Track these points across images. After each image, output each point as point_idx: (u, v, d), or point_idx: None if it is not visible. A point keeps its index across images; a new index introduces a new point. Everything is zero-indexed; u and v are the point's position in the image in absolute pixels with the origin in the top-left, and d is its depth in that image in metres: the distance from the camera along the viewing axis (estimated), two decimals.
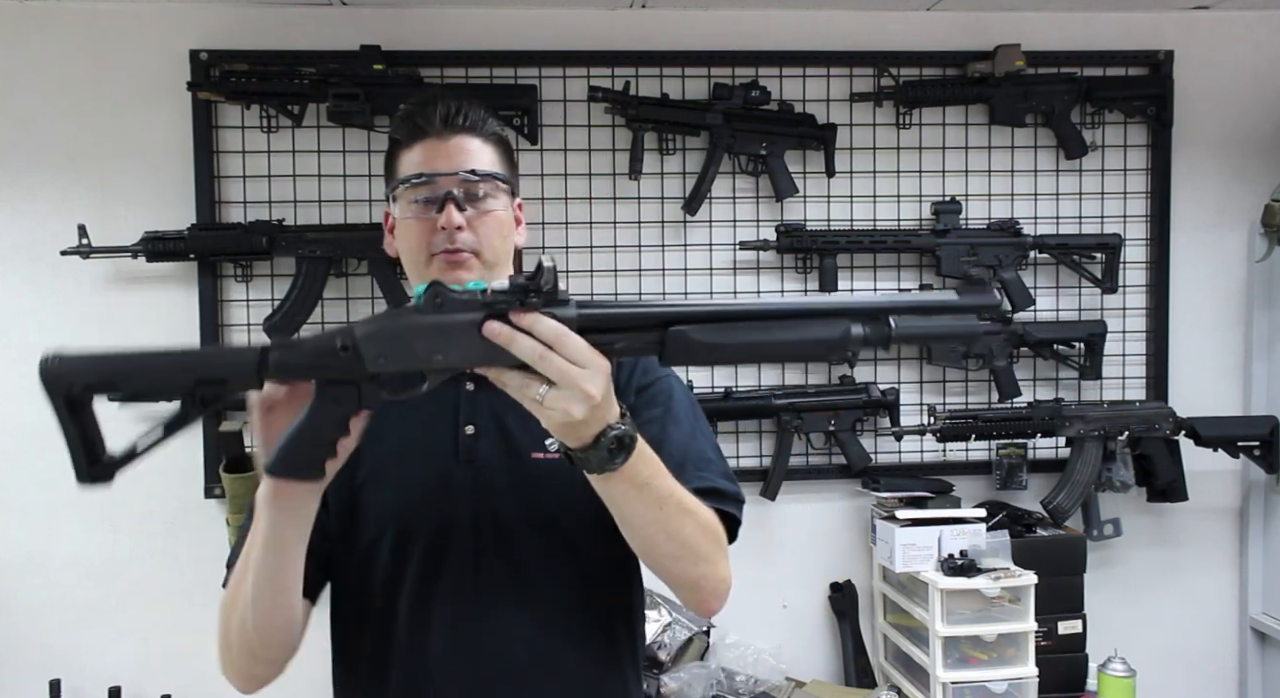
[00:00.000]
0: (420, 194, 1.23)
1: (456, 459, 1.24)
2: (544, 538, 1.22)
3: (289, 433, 1.01)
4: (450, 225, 1.21)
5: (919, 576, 2.29)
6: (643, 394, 1.27)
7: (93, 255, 2.31)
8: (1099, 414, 2.52)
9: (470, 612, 1.21)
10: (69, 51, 2.40)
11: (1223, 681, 2.72)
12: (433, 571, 1.22)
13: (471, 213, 1.23)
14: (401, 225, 1.26)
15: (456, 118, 1.25)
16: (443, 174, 1.22)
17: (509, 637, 1.21)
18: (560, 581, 1.23)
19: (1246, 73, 2.66)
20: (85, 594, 2.44)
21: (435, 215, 1.22)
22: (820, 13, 2.53)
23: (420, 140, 1.25)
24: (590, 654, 1.25)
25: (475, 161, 1.24)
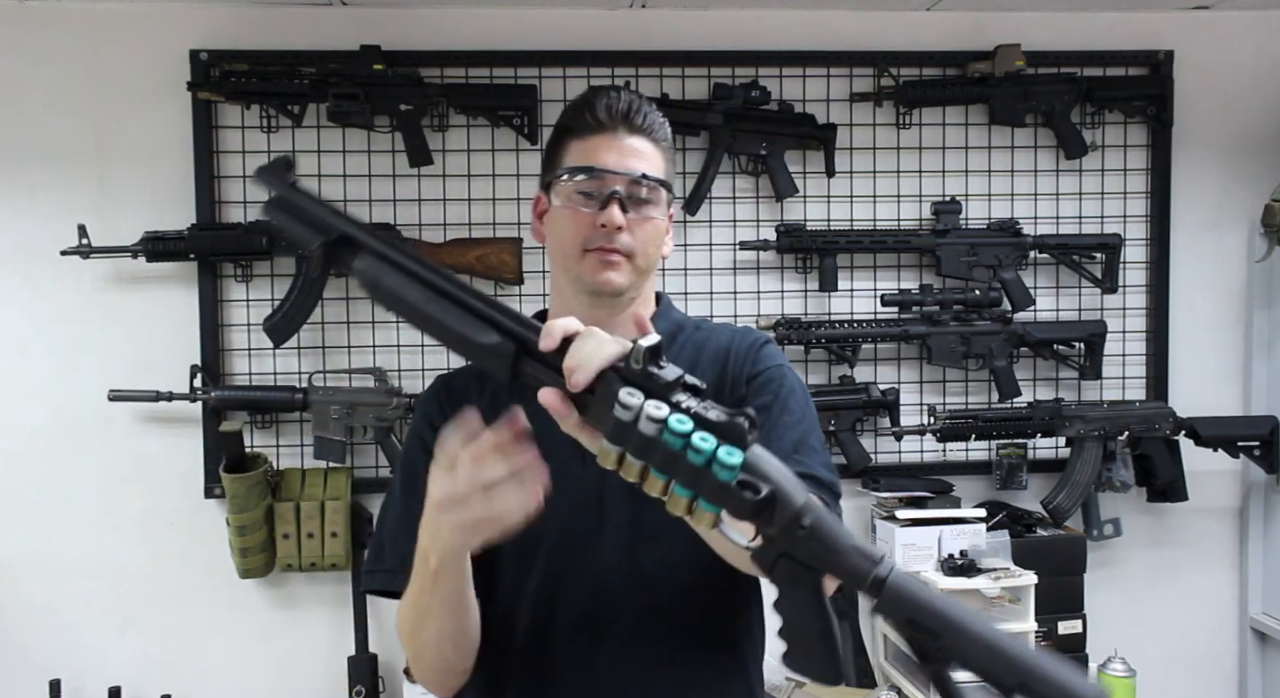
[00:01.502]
0: (586, 187, 1.21)
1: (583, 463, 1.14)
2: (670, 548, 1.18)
3: None
4: (612, 224, 1.18)
5: (919, 575, 2.29)
6: (754, 382, 1.25)
7: (93, 255, 2.31)
8: (1099, 414, 2.52)
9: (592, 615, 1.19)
10: (69, 51, 2.40)
11: (1223, 681, 2.72)
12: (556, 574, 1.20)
13: (634, 216, 1.21)
14: (557, 214, 1.23)
15: (636, 118, 1.23)
16: (615, 172, 1.20)
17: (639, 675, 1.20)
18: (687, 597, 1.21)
19: (1246, 73, 2.66)
20: (85, 594, 2.44)
21: (595, 211, 1.20)
22: (820, 13, 2.53)
23: (597, 133, 1.22)
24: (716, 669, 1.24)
25: (647, 166, 1.22)
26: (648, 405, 0.84)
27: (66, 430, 2.41)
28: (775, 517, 0.83)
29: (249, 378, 2.44)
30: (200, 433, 2.42)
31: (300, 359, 2.44)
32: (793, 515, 0.83)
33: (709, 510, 0.83)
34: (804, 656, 0.87)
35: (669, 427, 0.83)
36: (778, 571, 0.85)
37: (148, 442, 2.43)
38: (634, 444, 0.84)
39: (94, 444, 2.42)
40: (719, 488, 0.82)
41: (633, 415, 0.84)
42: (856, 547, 0.83)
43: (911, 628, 0.81)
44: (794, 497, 0.83)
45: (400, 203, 2.46)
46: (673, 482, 0.84)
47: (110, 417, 2.41)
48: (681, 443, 0.83)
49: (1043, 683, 0.76)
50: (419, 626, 1.13)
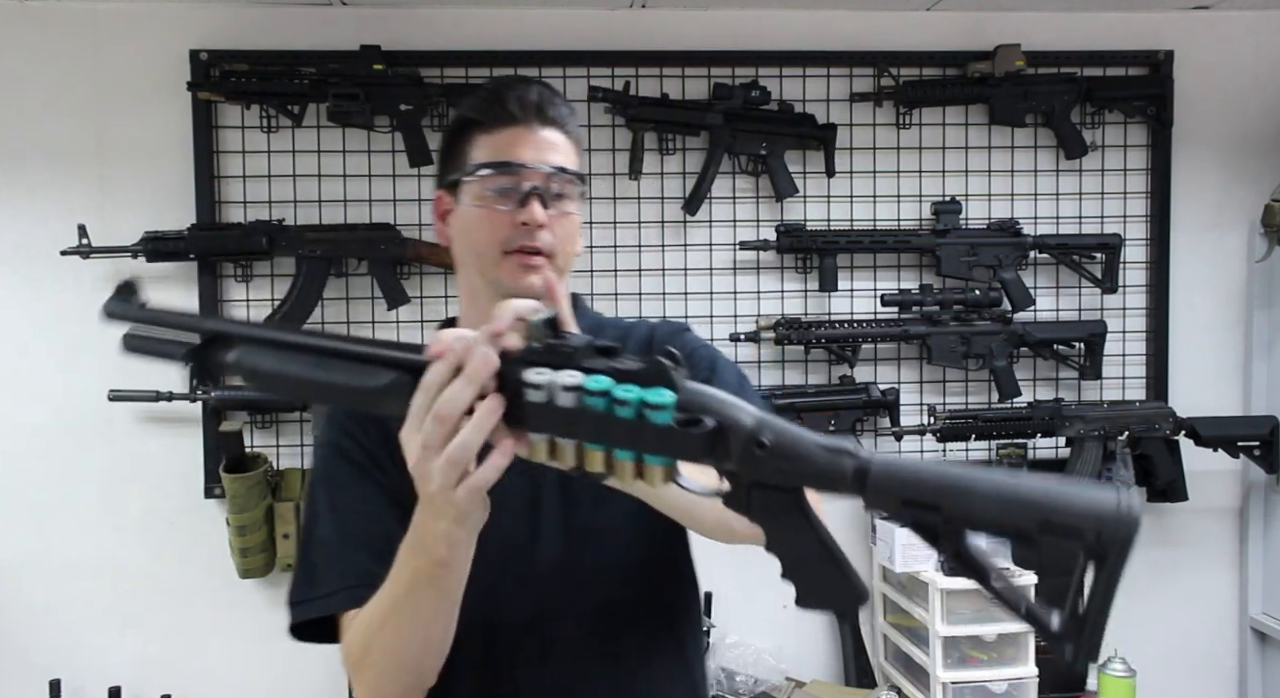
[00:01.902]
0: (500, 184, 1.12)
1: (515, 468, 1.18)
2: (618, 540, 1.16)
3: None
4: (534, 222, 1.11)
5: (919, 576, 2.29)
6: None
7: (93, 255, 2.31)
8: (1099, 414, 2.51)
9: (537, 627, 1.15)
10: (69, 51, 2.40)
11: (1223, 681, 2.72)
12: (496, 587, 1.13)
13: (553, 212, 1.13)
14: (468, 215, 1.14)
15: (549, 109, 1.16)
16: (533, 167, 1.13)
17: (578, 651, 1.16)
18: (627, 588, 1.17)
19: (1246, 73, 2.66)
20: (85, 594, 2.44)
21: (513, 209, 1.12)
22: (820, 13, 2.53)
23: (508, 126, 1.14)
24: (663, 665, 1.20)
25: (562, 158, 1.15)
26: (558, 377, 0.78)
27: (66, 430, 2.41)
28: (730, 446, 0.76)
29: None
30: (200, 433, 2.42)
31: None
32: (747, 438, 0.76)
33: (660, 464, 0.77)
34: (816, 588, 0.82)
35: (586, 390, 0.76)
36: (755, 505, 0.79)
37: (148, 442, 2.43)
38: (557, 423, 0.78)
39: (94, 444, 2.42)
40: (661, 435, 0.76)
41: (546, 393, 0.78)
42: (824, 445, 0.76)
43: (910, 510, 0.74)
44: (743, 419, 0.77)
45: (400, 203, 2.46)
46: (612, 449, 0.77)
47: (110, 417, 2.41)
48: (605, 402, 0.76)
49: (1065, 514, 0.70)
50: (399, 640, 1.01)
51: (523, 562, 1.14)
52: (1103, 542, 0.70)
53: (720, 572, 2.60)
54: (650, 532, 1.15)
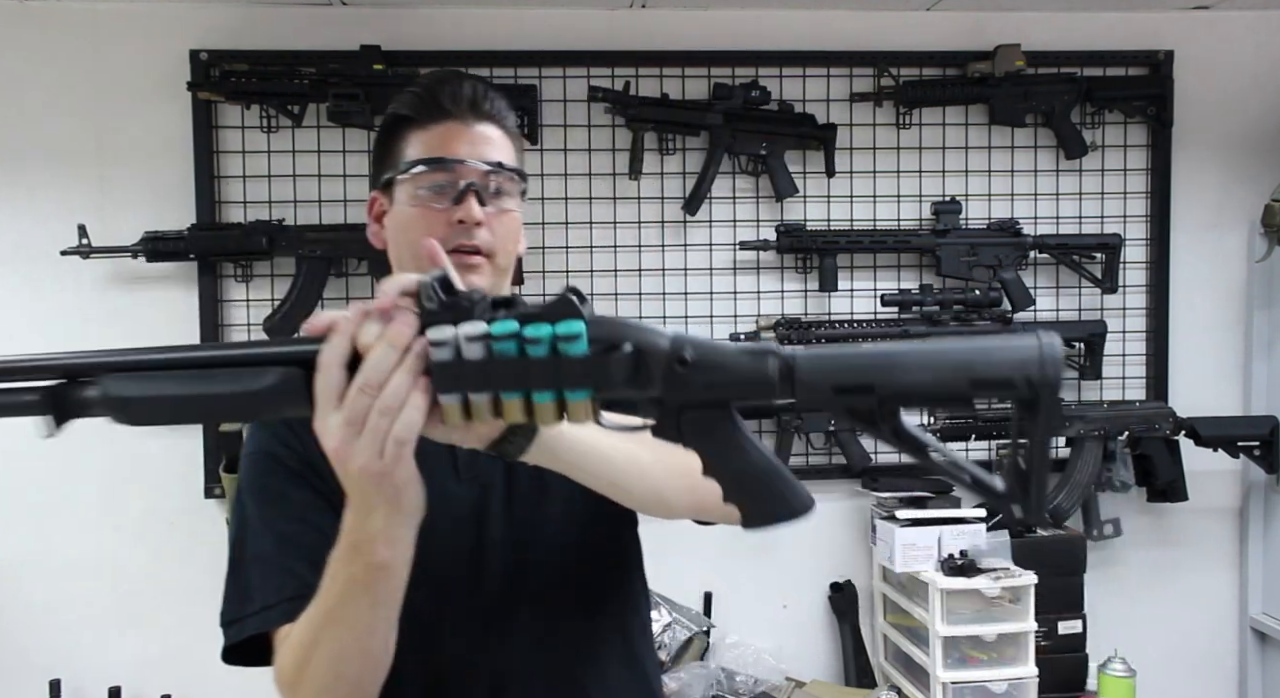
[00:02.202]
0: (435, 181, 1.09)
1: (457, 477, 1.12)
2: (559, 538, 1.13)
3: None
4: (471, 219, 1.07)
5: (919, 576, 2.29)
6: None
7: (93, 255, 2.31)
8: (1099, 414, 2.52)
9: (483, 640, 1.11)
10: (69, 51, 2.40)
11: (1223, 681, 2.72)
12: (453, 592, 1.10)
13: (491, 209, 1.09)
14: (403, 214, 1.11)
15: (484, 103, 1.12)
16: (470, 163, 1.09)
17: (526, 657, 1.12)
18: (577, 578, 1.15)
19: (1246, 73, 2.66)
20: (85, 594, 2.44)
21: (449, 206, 1.08)
22: (820, 13, 2.53)
23: (441, 121, 1.11)
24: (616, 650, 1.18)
25: (501, 154, 1.11)
26: (461, 330, 0.74)
27: (67, 430, 2.41)
28: (652, 369, 0.74)
29: None
30: (200, 433, 2.42)
31: None
32: (668, 357, 0.74)
33: (581, 398, 0.74)
34: (761, 504, 0.78)
35: (494, 336, 0.73)
36: (686, 429, 0.76)
37: (148, 442, 2.43)
38: (468, 379, 0.74)
39: (94, 444, 2.42)
40: (579, 368, 0.73)
41: (451, 348, 0.74)
42: (746, 350, 0.75)
43: (843, 397, 0.73)
44: (659, 339, 0.74)
45: None
46: (530, 394, 0.74)
47: None
48: (515, 344, 0.73)
49: (992, 368, 0.71)
50: (337, 656, 0.93)
51: (470, 572, 1.10)
52: (1033, 386, 0.70)
53: (720, 572, 2.61)
54: (593, 527, 1.14)
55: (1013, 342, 0.71)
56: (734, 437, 0.77)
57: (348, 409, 0.77)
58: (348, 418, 0.77)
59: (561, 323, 0.73)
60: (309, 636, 0.94)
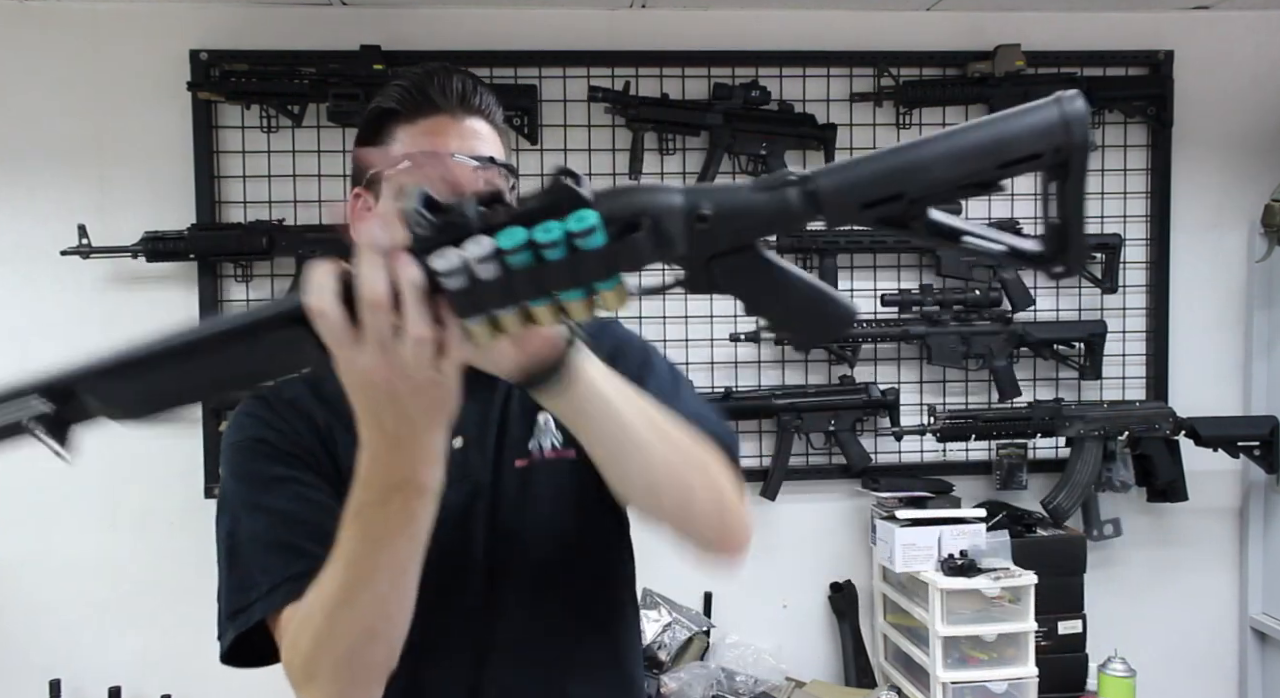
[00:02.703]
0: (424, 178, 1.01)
1: (447, 478, 1.10)
2: (541, 546, 1.11)
3: None
4: None
5: (919, 576, 2.29)
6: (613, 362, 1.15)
7: (93, 255, 2.31)
8: (1099, 414, 2.52)
9: (474, 641, 1.09)
10: (69, 51, 2.40)
11: (1223, 681, 2.72)
12: (436, 601, 1.04)
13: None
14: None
15: (473, 98, 1.08)
16: (461, 158, 1.05)
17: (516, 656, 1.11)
18: (560, 586, 1.12)
19: (1246, 73, 2.66)
20: (85, 594, 2.44)
21: None
22: (820, 13, 2.53)
23: (429, 116, 1.07)
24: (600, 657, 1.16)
25: (491, 149, 1.08)
26: (468, 252, 0.69)
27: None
28: (672, 234, 0.71)
29: None
30: (200, 433, 2.42)
31: None
32: (686, 217, 0.71)
33: (611, 287, 0.71)
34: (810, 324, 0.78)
35: (505, 251, 0.69)
36: (720, 280, 0.74)
37: (148, 442, 2.43)
38: (490, 299, 0.70)
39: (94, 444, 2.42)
40: (603, 257, 0.69)
41: (463, 276, 0.70)
42: (760, 187, 0.72)
43: (873, 210, 0.71)
44: (673, 200, 0.71)
45: None
46: (557, 296, 0.71)
47: None
48: (530, 255, 0.69)
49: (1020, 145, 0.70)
50: (376, 604, 0.89)
51: (453, 577, 1.07)
52: (1062, 153, 0.69)
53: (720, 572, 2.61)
54: (577, 537, 1.11)
55: (1033, 111, 0.70)
56: (767, 271, 0.75)
57: (369, 328, 0.72)
58: (376, 339, 0.72)
59: (571, 217, 0.68)
60: (334, 598, 0.89)
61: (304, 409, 1.10)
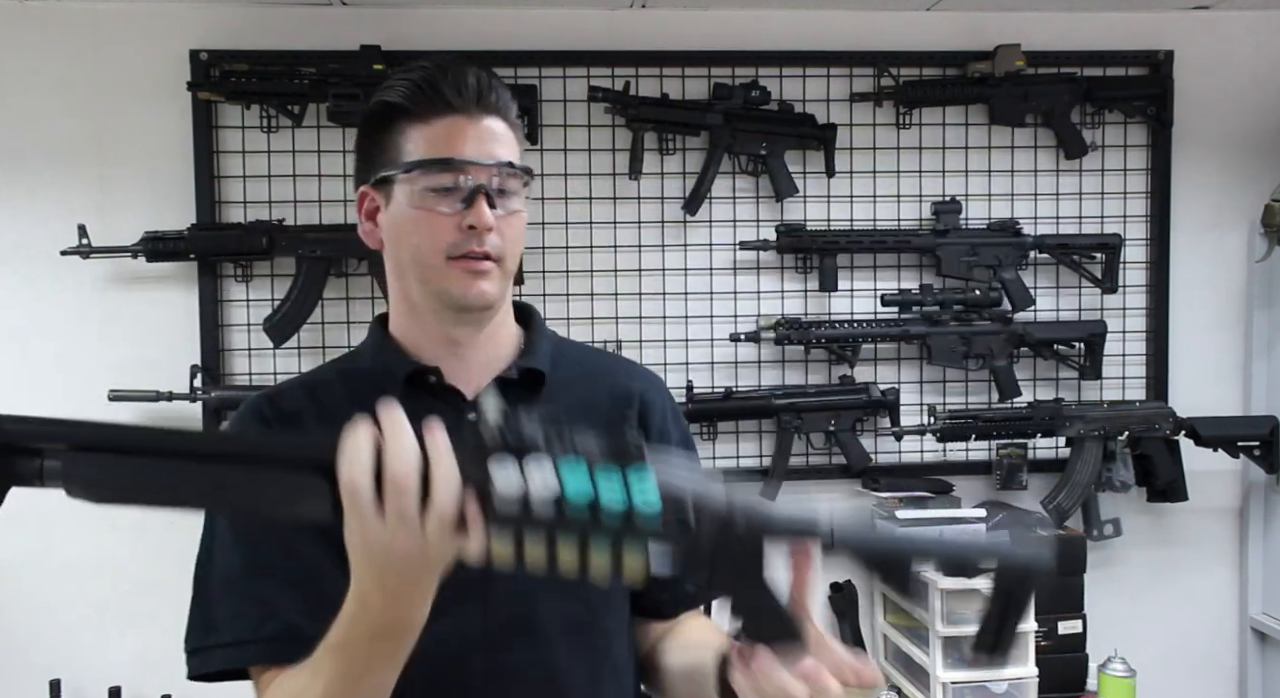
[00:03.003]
0: (441, 182, 1.01)
1: None
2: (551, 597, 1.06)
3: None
4: (483, 225, 1.00)
5: (919, 575, 2.28)
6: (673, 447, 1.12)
7: (93, 255, 2.31)
8: (1099, 414, 2.52)
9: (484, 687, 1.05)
10: (69, 51, 2.40)
11: (1223, 681, 2.72)
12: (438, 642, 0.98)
13: (500, 212, 1.02)
14: (405, 216, 1.03)
15: (489, 95, 1.03)
16: (480, 163, 1.01)
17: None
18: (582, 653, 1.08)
19: (1246, 73, 2.66)
20: (85, 594, 2.44)
21: (457, 210, 1.01)
22: (820, 13, 2.53)
23: (444, 116, 1.02)
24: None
25: (507, 151, 1.04)
26: (532, 481, 0.71)
27: None
28: (703, 533, 0.76)
29: (249, 378, 2.44)
30: None
31: (300, 359, 2.44)
32: (722, 523, 0.77)
33: (637, 560, 0.74)
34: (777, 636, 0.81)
35: (568, 496, 0.71)
36: (718, 581, 0.79)
37: None
38: (534, 530, 0.72)
39: None
40: (649, 528, 0.73)
41: (519, 502, 0.71)
42: (790, 520, 0.80)
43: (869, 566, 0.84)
44: (716, 502, 0.76)
45: None
46: (589, 548, 0.73)
47: (110, 417, 2.41)
48: (587, 510, 0.71)
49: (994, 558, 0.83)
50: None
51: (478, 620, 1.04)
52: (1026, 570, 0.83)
53: None
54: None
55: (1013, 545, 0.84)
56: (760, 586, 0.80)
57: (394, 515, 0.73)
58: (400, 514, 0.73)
59: (637, 488, 0.72)
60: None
61: (305, 427, 1.06)
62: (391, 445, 0.73)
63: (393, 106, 1.05)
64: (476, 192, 1.01)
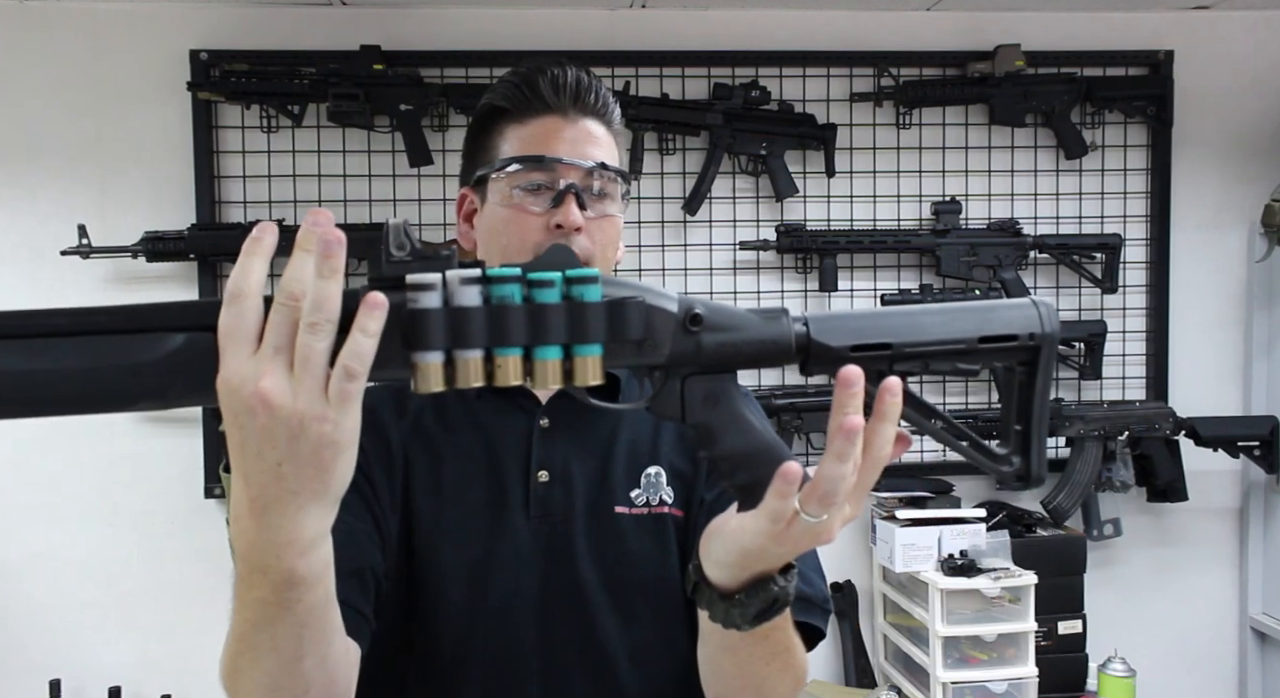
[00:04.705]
0: (531, 181, 1.01)
1: (527, 514, 1.02)
2: (614, 602, 1.04)
3: None
4: (570, 225, 0.99)
5: (919, 576, 2.29)
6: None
7: (93, 255, 2.31)
8: (1099, 414, 2.52)
9: (535, 682, 1.03)
10: (69, 51, 2.40)
11: (1223, 681, 2.72)
12: (497, 642, 1.02)
13: (591, 214, 1.01)
14: (496, 215, 1.02)
15: (588, 96, 1.04)
16: (571, 163, 1.01)
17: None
18: (632, 648, 1.05)
19: (1246, 73, 2.66)
20: (85, 594, 2.44)
21: (547, 209, 1.00)
22: (820, 13, 2.53)
23: (541, 115, 1.03)
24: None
25: (604, 154, 1.03)
26: (452, 272, 0.63)
27: (67, 431, 2.41)
28: (659, 331, 0.68)
29: None
30: (200, 433, 2.42)
31: None
32: (680, 319, 0.69)
33: (591, 354, 0.65)
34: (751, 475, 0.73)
35: (494, 277, 0.63)
36: (690, 399, 0.70)
37: (148, 442, 2.43)
38: (462, 330, 0.62)
39: (94, 444, 2.42)
40: (593, 317, 0.65)
41: (439, 293, 0.63)
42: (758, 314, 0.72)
43: (860, 354, 0.73)
44: (667, 300, 0.69)
45: (400, 203, 2.46)
46: (533, 348, 0.64)
47: (110, 417, 2.40)
48: (519, 288, 0.64)
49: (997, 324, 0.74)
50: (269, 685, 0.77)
51: (534, 614, 1.03)
52: (1034, 339, 0.74)
53: None
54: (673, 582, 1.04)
55: (1014, 304, 0.76)
56: (739, 410, 0.73)
57: (271, 332, 0.62)
58: (274, 342, 0.62)
59: (572, 269, 0.65)
60: (232, 665, 0.79)
61: (380, 421, 1.04)
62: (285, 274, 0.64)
63: (494, 108, 1.05)
64: (566, 191, 1.00)
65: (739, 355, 0.71)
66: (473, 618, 1.01)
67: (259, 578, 0.68)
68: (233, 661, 0.77)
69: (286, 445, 0.62)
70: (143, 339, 0.62)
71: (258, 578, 0.68)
